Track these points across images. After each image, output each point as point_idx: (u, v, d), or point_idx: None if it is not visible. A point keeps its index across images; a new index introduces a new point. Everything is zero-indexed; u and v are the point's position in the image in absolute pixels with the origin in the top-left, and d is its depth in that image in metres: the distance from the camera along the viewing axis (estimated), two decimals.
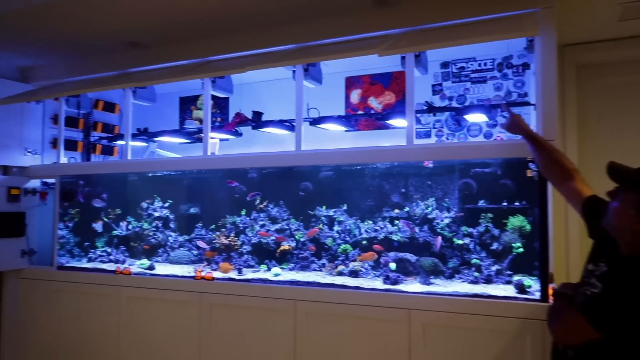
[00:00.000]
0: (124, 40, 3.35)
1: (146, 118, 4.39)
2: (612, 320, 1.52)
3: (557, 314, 1.73)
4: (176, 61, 3.39)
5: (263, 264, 3.25)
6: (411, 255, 2.90)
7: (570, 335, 1.64)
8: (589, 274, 1.68)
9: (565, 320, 1.66)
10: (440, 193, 3.12)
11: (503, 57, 3.52)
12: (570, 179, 1.98)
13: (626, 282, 1.52)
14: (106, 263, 3.64)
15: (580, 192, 1.90)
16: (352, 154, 2.83)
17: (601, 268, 1.64)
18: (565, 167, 2.02)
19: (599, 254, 1.71)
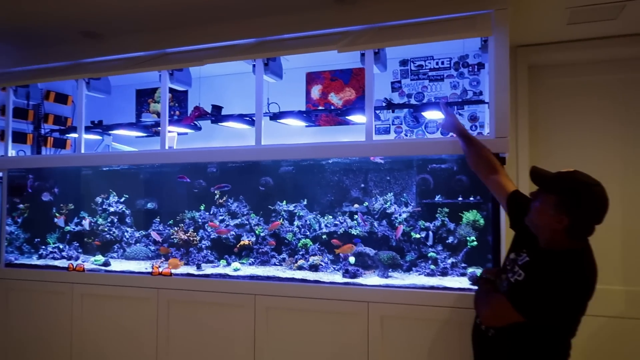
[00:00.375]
0: (77, 29, 3.24)
1: (101, 110, 4.26)
2: (533, 305, 1.70)
3: (484, 298, 1.91)
4: (132, 52, 3.30)
5: (222, 259, 3.22)
6: (370, 249, 2.95)
7: (496, 318, 1.82)
8: (512, 262, 1.88)
9: (492, 304, 1.84)
10: (398, 188, 3.18)
11: (459, 57, 3.62)
12: (496, 174, 2.19)
13: (545, 272, 1.70)
14: (58, 260, 3.51)
15: (505, 186, 2.11)
16: (313, 149, 2.84)
17: (523, 258, 1.84)
18: (492, 163, 2.23)
19: (520, 245, 1.91)
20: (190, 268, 3.15)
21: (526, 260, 1.81)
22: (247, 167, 3.39)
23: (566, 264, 1.70)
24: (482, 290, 1.99)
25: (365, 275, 2.82)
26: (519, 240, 1.95)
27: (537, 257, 1.78)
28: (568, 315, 1.74)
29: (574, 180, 1.74)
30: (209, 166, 3.49)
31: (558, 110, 3.44)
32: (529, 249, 1.84)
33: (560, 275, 1.68)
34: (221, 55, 2.88)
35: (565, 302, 1.69)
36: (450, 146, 2.67)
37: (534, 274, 1.74)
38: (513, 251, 1.94)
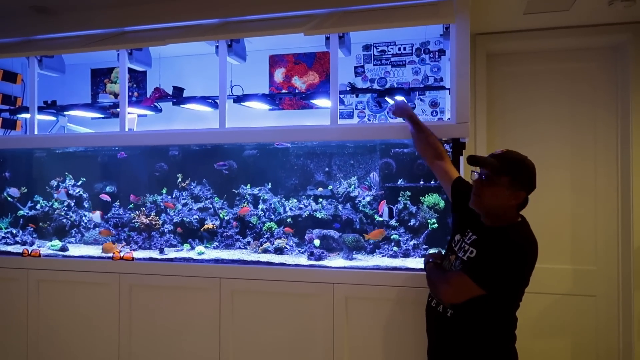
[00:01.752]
0: (28, 3, 3.07)
1: (54, 90, 4.09)
2: (491, 276, 1.79)
3: (441, 277, 1.98)
4: (88, 30, 3.17)
5: (186, 243, 3.20)
6: (335, 232, 3.00)
7: (457, 294, 1.87)
8: (459, 243, 2.03)
9: (450, 282, 1.90)
10: (362, 172, 3.23)
11: (421, 43, 3.69)
12: (442, 160, 2.34)
13: (500, 245, 1.81)
14: (11, 245, 3.38)
15: (450, 172, 2.29)
16: (278, 132, 2.85)
17: (470, 236, 1.97)
18: (439, 149, 2.37)
19: (463, 226, 2.05)
20: (153, 252, 3.11)
21: (474, 238, 1.93)
22: (210, 151, 3.36)
23: (518, 234, 1.85)
24: (434, 272, 2.06)
25: (330, 257, 2.87)
26: (461, 222, 2.09)
27: (487, 234, 1.90)
28: (521, 283, 1.86)
29: (518, 159, 1.90)
30: (170, 149, 3.43)
31: (513, 97, 3.57)
32: (473, 228, 1.98)
33: (514, 245, 1.80)
34: (184, 35, 2.82)
35: (519, 269, 1.81)
36: None
37: (487, 248, 1.85)
38: (457, 233, 2.08)
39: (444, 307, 1.98)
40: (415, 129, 2.47)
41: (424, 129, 2.45)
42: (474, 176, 1.93)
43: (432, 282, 2.04)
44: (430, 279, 2.07)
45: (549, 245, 3.40)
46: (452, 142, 2.61)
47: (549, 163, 3.43)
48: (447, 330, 2.00)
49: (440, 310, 2.00)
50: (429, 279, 2.09)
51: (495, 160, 1.87)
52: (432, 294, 2.08)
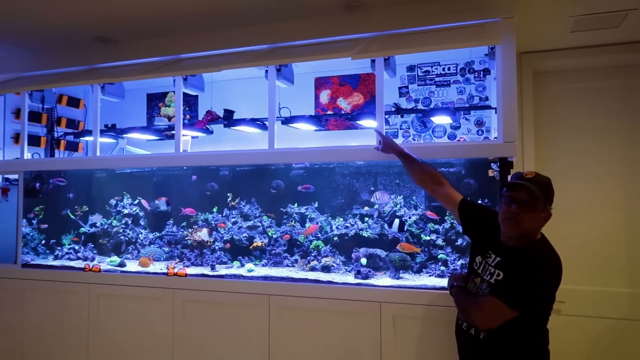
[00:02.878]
0: (93, 35, 3.31)
1: (111, 114, 4.34)
2: (524, 299, 1.78)
3: (471, 302, 1.94)
4: (146, 58, 3.38)
5: (236, 261, 3.30)
6: (381, 251, 3.03)
7: (492, 319, 1.84)
8: (481, 265, 2.02)
9: (483, 307, 1.86)
10: (408, 191, 3.26)
11: (465, 63, 3.71)
12: (442, 186, 2.33)
13: (524, 267, 1.80)
14: (74, 260, 3.59)
15: (453, 196, 2.29)
16: (326, 152, 2.92)
17: (494, 258, 1.95)
18: (436, 176, 2.36)
19: (481, 248, 2.06)
20: (205, 269, 3.23)
21: (498, 260, 1.93)
22: (258, 170, 3.47)
23: (543, 253, 1.86)
24: (463, 297, 2.04)
25: (376, 276, 2.90)
26: (478, 243, 2.10)
27: (511, 255, 1.89)
28: (551, 300, 1.86)
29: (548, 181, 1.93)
30: (221, 169, 3.57)
31: (561, 115, 3.52)
32: (493, 249, 1.98)
33: (542, 264, 1.81)
34: (236, 61, 2.96)
35: (549, 287, 1.82)
36: (459, 151, 2.75)
37: (515, 270, 1.83)
38: (477, 255, 2.07)
39: (476, 330, 1.96)
40: (407, 161, 2.49)
41: (415, 159, 2.46)
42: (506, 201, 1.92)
43: (463, 308, 2.02)
44: (460, 304, 2.05)
45: (602, 267, 3.30)
46: (500, 162, 2.61)
47: (602, 182, 3.36)
48: (481, 353, 1.96)
49: (472, 333, 1.98)
50: (458, 304, 2.07)
51: (534, 185, 1.87)
52: (463, 318, 2.06)
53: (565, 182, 3.35)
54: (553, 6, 2.76)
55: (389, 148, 2.60)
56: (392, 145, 2.59)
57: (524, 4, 2.71)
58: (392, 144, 2.60)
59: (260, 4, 2.84)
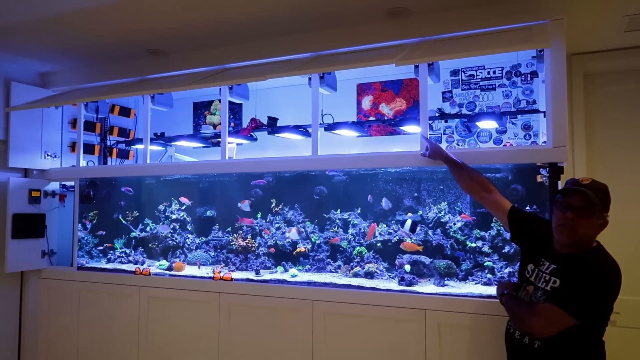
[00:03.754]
0: (143, 47, 3.45)
1: (159, 122, 4.50)
2: (583, 306, 1.74)
3: (527, 310, 1.89)
4: (193, 68, 3.49)
5: (280, 266, 3.34)
6: (425, 258, 3.00)
7: (550, 326, 1.80)
8: (534, 273, 1.98)
9: (541, 314, 1.81)
10: (452, 197, 3.22)
11: (512, 66, 3.63)
12: (491, 193, 2.31)
13: (583, 274, 1.77)
14: (125, 264, 3.73)
15: (502, 204, 2.26)
16: (369, 159, 2.92)
17: (548, 266, 1.92)
18: (485, 183, 2.34)
19: (533, 255, 2.03)
20: (249, 274, 3.29)
21: (553, 268, 1.89)
22: (302, 177, 3.51)
23: (602, 260, 1.81)
24: (517, 305, 2.00)
25: (420, 283, 2.87)
26: (530, 251, 2.07)
27: (567, 262, 1.85)
28: (611, 308, 1.81)
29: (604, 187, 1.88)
30: (265, 176, 3.63)
31: (615, 117, 3.39)
32: (547, 257, 1.95)
33: (601, 271, 1.76)
34: (281, 70, 3.01)
35: (609, 295, 1.77)
36: (505, 156, 2.69)
37: (574, 277, 1.79)
38: (529, 262, 2.04)
39: (530, 339, 1.92)
40: (455, 168, 2.46)
41: (463, 166, 2.43)
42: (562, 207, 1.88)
43: (517, 315, 1.97)
44: (513, 312, 2.01)
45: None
46: (549, 167, 2.54)
47: None
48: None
49: (526, 342, 1.94)
50: (511, 312, 2.03)
51: (591, 191, 1.82)
52: (517, 327, 2.00)
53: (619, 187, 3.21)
54: (606, 5, 2.67)
55: (436, 154, 2.58)
56: (440, 152, 2.57)
57: (574, 4, 2.62)
58: (439, 150, 2.58)
59: (303, 13, 2.88)
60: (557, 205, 1.90)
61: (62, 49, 3.51)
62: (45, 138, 3.92)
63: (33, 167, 3.86)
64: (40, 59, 3.72)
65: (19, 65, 3.83)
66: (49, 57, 3.68)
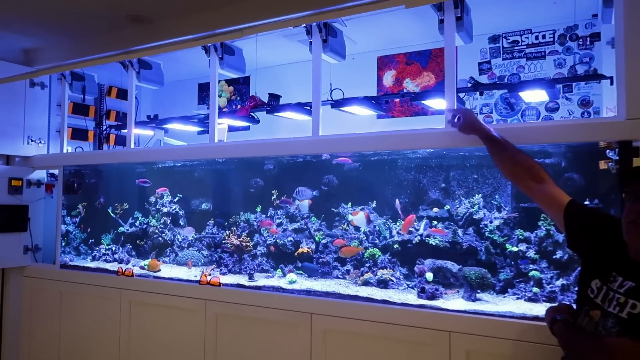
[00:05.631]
0: (123, 13, 2.99)
1: (163, 106, 4.08)
2: None
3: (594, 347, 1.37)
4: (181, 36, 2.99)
5: (278, 269, 2.82)
6: (452, 264, 2.39)
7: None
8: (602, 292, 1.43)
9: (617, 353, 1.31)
10: (488, 189, 2.59)
11: (566, 28, 2.96)
12: (542, 182, 1.72)
13: None
14: (110, 262, 3.31)
15: (558, 196, 1.67)
16: (382, 139, 2.33)
17: (622, 282, 1.38)
18: (534, 168, 1.75)
19: (602, 268, 1.46)
20: (242, 278, 2.78)
21: (630, 286, 1.36)
22: (307, 164, 2.97)
23: None
24: (576, 337, 1.47)
25: (445, 296, 2.27)
26: (595, 262, 1.52)
27: None
28: None
29: None
30: (265, 163, 3.11)
31: None
32: (621, 271, 1.40)
33: None
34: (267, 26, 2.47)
35: None
36: (558, 132, 2.04)
37: None
38: (594, 278, 1.48)
39: None
40: (495, 148, 1.85)
41: (506, 144, 1.82)
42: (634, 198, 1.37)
43: (578, 351, 1.45)
44: (571, 346, 1.49)
45: None
46: (620, 147, 1.89)
47: None
48: None
49: None
50: (567, 346, 1.50)
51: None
52: None
53: None
54: None
55: (469, 127, 1.94)
56: (475, 123, 1.92)
57: None
58: (474, 121, 1.93)
59: None
60: (627, 197, 1.38)
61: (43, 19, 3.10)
62: (28, 122, 3.54)
63: (14, 153, 3.48)
64: (21, 32, 3.33)
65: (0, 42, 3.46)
66: (30, 29, 3.28)
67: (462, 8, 2.15)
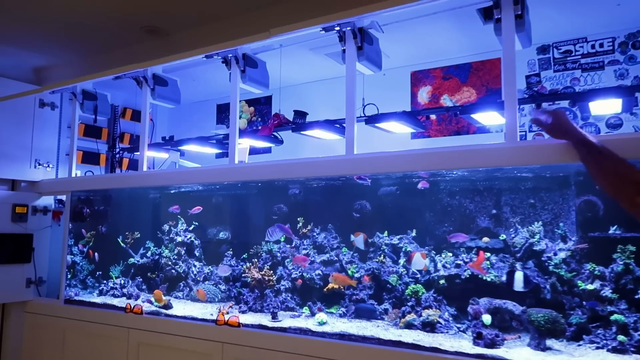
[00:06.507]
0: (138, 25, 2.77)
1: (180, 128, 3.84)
2: None
3: None
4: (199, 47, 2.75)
5: (305, 307, 2.48)
6: (513, 304, 2.02)
7: None
8: None
9: None
10: (548, 215, 2.24)
11: (627, 35, 2.63)
12: None
13: None
14: (118, 297, 3.00)
15: None
16: (425, 157, 2.01)
17: None
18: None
19: None
20: (264, 317, 2.44)
21: None
22: (337, 188, 2.66)
23: None
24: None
25: (507, 343, 1.90)
26: None
27: None
28: None
29: None
30: (290, 187, 2.81)
31: None
32: None
33: None
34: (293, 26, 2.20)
35: None
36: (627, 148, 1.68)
37: None
38: None
39: None
40: (591, 154, 1.48)
41: (608, 153, 1.44)
42: None
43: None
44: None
45: None
46: None
47: None
48: None
49: None
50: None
51: None
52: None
53: None
54: None
55: (561, 130, 1.58)
56: (567, 125, 1.56)
57: None
58: (566, 122, 1.57)
59: None
60: None
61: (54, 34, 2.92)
62: (37, 144, 3.31)
63: (20, 178, 3.24)
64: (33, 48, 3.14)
65: (10, 59, 3.28)
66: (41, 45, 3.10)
67: (522, 4, 1.85)
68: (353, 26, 2.15)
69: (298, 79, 3.45)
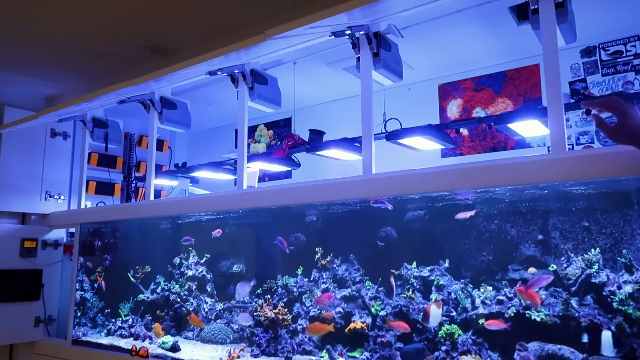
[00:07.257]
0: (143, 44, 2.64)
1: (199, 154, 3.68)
2: None
3: None
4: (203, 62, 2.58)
5: (324, 350, 2.18)
6: (571, 350, 1.67)
7: None
8: None
9: None
10: (608, 240, 1.89)
11: None
12: None
13: None
14: (126, 338, 2.78)
15: None
16: (456, 174, 1.72)
17: None
18: None
19: None
20: None
21: None
22: (357, 213, 2.38)
23: None
24: None
25: None
26: None
27: None
28: None
29: None
30: (308, 214, 2.54)
31: None
32: None
33: None
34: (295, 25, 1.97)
35: None
36: None
37: None
38: None
39: None
40: None
41: None
42: None
43: None
44: None
45: None
46: None
47: None
48: None
49: None
50: None
51: None
52: None
53: None
54: None
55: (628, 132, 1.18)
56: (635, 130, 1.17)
57: None
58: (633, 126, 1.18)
59: None
60: None
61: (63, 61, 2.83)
62: (48, 175, 3.20)
63: (30, 211, 3.12)
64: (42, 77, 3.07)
65: (23, 89, 3.21)
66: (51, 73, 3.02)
67: None
68: (367, 30, 1.91)
69: (317, 98, 3.24)
